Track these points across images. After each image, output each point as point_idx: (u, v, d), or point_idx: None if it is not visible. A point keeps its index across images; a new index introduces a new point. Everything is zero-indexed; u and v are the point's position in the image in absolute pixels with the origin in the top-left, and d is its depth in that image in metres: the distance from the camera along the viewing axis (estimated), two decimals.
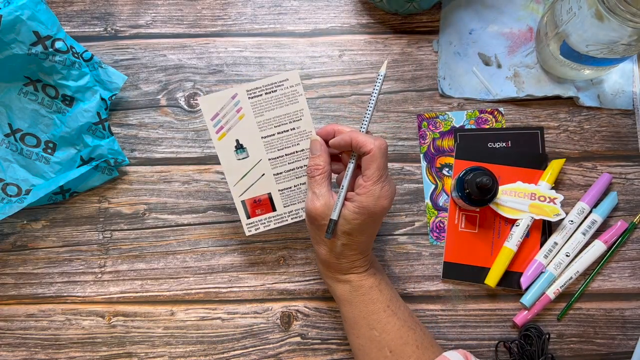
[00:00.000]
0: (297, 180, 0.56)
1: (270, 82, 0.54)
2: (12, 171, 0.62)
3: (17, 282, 0.62)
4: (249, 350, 0.60)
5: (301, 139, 0.56)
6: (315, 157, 0.52)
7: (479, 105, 0.65)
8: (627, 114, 0.65)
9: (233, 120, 0.54)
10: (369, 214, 0.50)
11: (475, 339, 0.61)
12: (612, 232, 0.61)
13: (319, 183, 0.51)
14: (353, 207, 0.49)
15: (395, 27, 0.67)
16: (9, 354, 0.60)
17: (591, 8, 0.54)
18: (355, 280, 0.53)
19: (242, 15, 0.68)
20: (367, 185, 0.49)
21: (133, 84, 0.66)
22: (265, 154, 0.55)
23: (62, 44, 0.57)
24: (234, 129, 0.54)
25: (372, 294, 0.53)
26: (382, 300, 0.53)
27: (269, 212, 0.57)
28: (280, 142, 0.55)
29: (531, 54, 0.66)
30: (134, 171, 0.64)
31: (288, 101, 0.55)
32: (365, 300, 0.53)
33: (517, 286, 0.61)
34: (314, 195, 0.51)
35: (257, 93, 0.54)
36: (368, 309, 0.52)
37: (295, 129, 0.55)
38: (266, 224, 0.58)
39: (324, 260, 0.53)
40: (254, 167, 0.56)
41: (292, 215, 0.58)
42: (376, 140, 0.49)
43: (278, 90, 0.54)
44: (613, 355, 0.61)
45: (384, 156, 0.49)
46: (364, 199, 0.49)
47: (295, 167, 0.56)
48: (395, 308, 0.53)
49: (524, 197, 0.61)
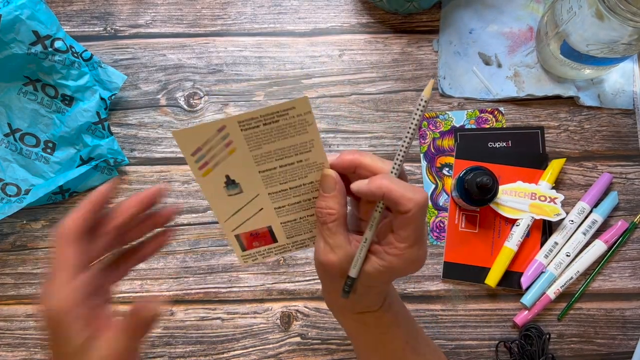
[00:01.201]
0: (304, 212, 0.46)
1: (270, 112, 0.39)
2: (12, 171, 0.62)
3: (16, 282, 0.62)
4: (249, 350, 0.60)
5: (310, 171, 0.43)
6: (328, 198, 0.40)
7: (479, 104, 0.65)
8: (627, 114, 0.65)
9: (221, 155, 0.41)
10: (398, 275, 0.41)
11: (476, 339, 0.61)
12: (613, 232, 0.61)
13: (333, 232, 0.40)
14: (379, 265, 0.39)
15: (395, 26, 0.67)
16: (9, 354, 0.60)
17: (591, 7, 0.54)
18: (370, 322, 0.45)
19: (242, 15, 0.68)
20: (400, 248, 0.39)
21: (133, 84, 0.66)
22: (265, 189, 0.44)
23: (62, 44, 0.57)
24: (222, 164, 0.42)
25: (390, 332, 0.46)
26: (400, 337, 0.46)
27: (269, 243, 0.47)
28: (283, 175, 0.43)
29: (531, 54, 0.66)
30: (134, 171, 0.64)
31: (294, 132, 0.41)
32: (383, 340, 0.46)
33: (517, 286, 0.61)
34: (327, 247, 0.40)
35: (252, 125, 0.40)
36: (386, 348, 0.46)
37: (302, 162, 0.43)
38: (265, 254, 0.47)
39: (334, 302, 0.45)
40: (250, 203, 0.45)
41: (297, 245, 0.47)
42: (416, 195, 0.37)
43: (281, 120, 0.40)
44: (613, 355, 0.60)
45: (424, 215, 0.38)
46: (394, 261, 0.39)
47: (302, 199, 0.45)
48: (415, 343, 0.47)
49: (524, 197, 0.61)
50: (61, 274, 0.35)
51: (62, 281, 0.35)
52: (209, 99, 0.65)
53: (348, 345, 0.60)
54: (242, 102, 0.65)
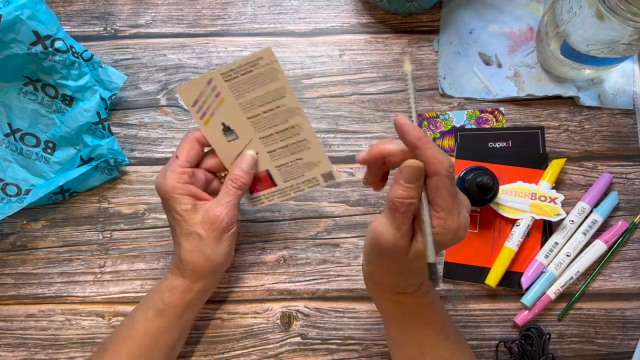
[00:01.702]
0: (292, 156, 0.54)
1: (244, 63, 0.50)
2: (12, 171, 0.62)
3: (16, 282, 0.62)
4: (249, 350, 0.60)
5: (289, 116, 0.52)
6: (411, 189, 0.40)
7: (479, 105, 0.65)
8: (627, 114, 0.65)
9: (214, 105, 0.52)
10: (443, 246, 0.42)
11: (476, 339, 0.61)
12: (613, 232, 0.61)
13: (408, 219, 0.41)
14: None
15: (395, 26, 0.67)
16: (9, 354, 0.60)
17: (592, 7, 0.54)
18: (408, 302, 0.47)
19: (242, 15, 0.68)
20: (441, 216, 0.40)
21: (133, 84, 0.66)
22: (255, 134, 0.53)
23: (62, 44, 0.57)
24: (217, 113, 0.53)
25: (426, 315, 0.47)
26: (436, 322, 0.48)
27: (271, 187, 0.56)
28: (268, 121, 0.53)
29: (531, 54, 0.66)
30: (134, 171, 0.64)
31: (268, 79, 0.50)
32: (417, 323, 0.47)
33: (517, 286, 0.61)
34: (398, 233, 0.41)
35: (232, 75, 0.51)
36: (420, 333, 0.48)
37: (280, 107, 0.52)
38: (270, 198, 0.57)
39: (380, 281, 0.47)
40: (246, 147, 0.54)
41: (295, 189, 0.56)
42: (442, 156, 0.39)
43: (254, 70, 0.50)
44: (614, 355, 0.60)
45: (452, 177, 0.40)
46: (440, 232, 0.41)
47: (289, 143, 0.53)
48: (448, 330, 0.48)
49: (525, 197, 0.61)
50: (174, 166, 0.51)
51: (174, 169, 0.51)
52: None
53: (348, 345, 0.60)
54: None
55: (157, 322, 0.51)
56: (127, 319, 0.53)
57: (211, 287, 0.56)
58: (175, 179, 0.50)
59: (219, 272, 0.55)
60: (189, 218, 0.50)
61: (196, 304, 0.54)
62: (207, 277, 0.53)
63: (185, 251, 0.51)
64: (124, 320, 0.54)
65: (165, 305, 0.52)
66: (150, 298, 0.53)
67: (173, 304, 0.52)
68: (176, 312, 0.52)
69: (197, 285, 0.52)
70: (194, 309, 0.54)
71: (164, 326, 0.52)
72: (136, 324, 0.52)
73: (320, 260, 0.62)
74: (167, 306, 0.52)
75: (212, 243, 0.50)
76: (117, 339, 0.52)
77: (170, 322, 0.52)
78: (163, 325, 0.52)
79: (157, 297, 0.52)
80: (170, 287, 0.52)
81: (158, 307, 0.51)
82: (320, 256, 0.62)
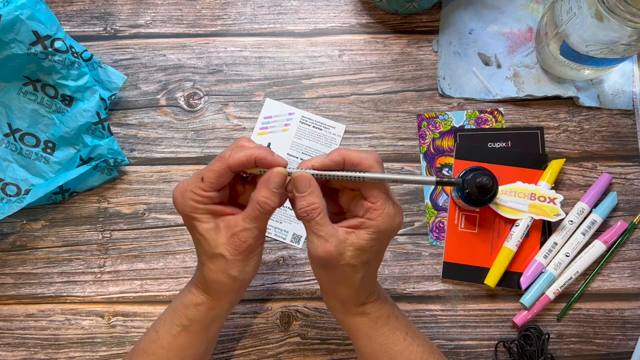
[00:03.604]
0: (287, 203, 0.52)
1: (322, 122, 0.63)
2: (12, 171, 0.62)
3: (16, 282, 0.62)
4: (249, 350, 0.60)
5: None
6: (308, 195, 0.43)
7: (478, 105, 0.65)
8: (627, 114, 0.65)
9: (278, 128, 0.63)
10: (387, 236, 0.45)
11: (475, 339, 0.61)
12: (612, 232, 0.61)
13: (322, 224, 0.43)
14: (368, 235, 0.43)
15: (395, 27, 0.67)
16: (9, 354, 0.60)
17: (591, 8, 0.54)
18: (372, 312, 0.48)
19: (242, 15, 0.68)
20: (378, 206, 0.43)
21: (132, 84, 0.66)
22: None
23: (62, 44, 0.57)
24: (273, 134, 0.63)
25: (391, 323, 0.49)
26: (400, 328, 0.49)
27: None
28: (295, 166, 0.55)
29: (531, 54, 0.66)
30: (134, 171, 0.64)
31: (325, 142, 0.63)
32: (385, 332, 0.48)
33: (516, 286, 0.61)
34: (320, 240, 0.43)
35: (307, 122, 0.63)
36: (388, 340, 0.48)
37: None
38: None
39: (342, 299, 0.48)
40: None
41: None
42: (370, 154, 0.43)
43: (323, 130, 0.63)
44: (613, 355, 0.61)
45: (382, 169, 0.44)
46: (380, 222, 0.43)
47: None
48: (412, 334, 0.50)
49: (524, 197, 0.61)
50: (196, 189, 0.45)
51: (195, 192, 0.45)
52: (209, 99, 0.65)
53: (348, 345, 0.60)
54: (242, 103, 0.65)
55: (181, 338, 0.49)
56: (150, 333, 0.51)
57: (238, 299, 0.53)
58: (195, 201, 0.45)
59: (245, 287, 0.52)
60: (211, 239, 0.45)
61: (222, 316, 0.52)
62: (234, 294, 0.50)
63: (210, 271, 0.47)
64: (147, 334, 0.51)
65: (191, 322, 0.49)
66: (175, 312, 0.50)
67: (199, 320, 0.49)
68: (202, 328, 0.50)
69: (224, 301, 0.49)
70: (220, 322, 0.52)
71: (189, 342, 0.50)
72: (161, 339, 0.50)
73: None
74: (192, 322, 0.49)
75: (238, 264, 0.46)
76: (141, 354, 0.50)
77: (196, 337, 0.50)
78: (188, 341, 0.50)
79: (182, 312, 0.49)
80: (196, 303, 0.49)
81: (183, 324, 0.49)
82: None
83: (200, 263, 0.48)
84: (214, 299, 0.49)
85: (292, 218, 0.63)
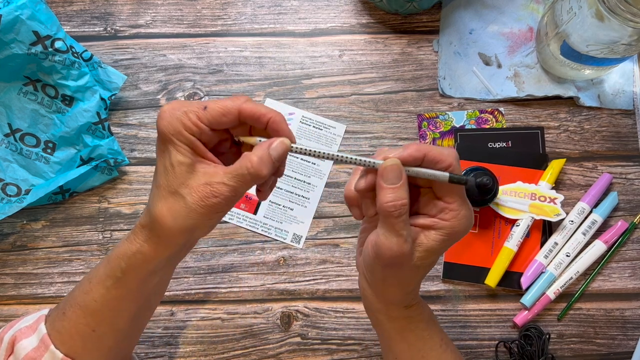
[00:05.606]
0: (288, 202, 0.56)
1: (322, 122, 0.63)
2: (12, 171, 0.62)
3: (16, 282, 0.62)
4: (249, 350, 0.60)
5: (314, 175, 0.62)
6: (398, 189, 0.39)
7: (479, 105, 0.65)
8: (627, 114, 0.65)
9: None
10: (456, 239, 0.42)
11: (475, 339, 0.61)
12: (613, 232, 0.61)
13: (406, 222, 0.39)
14: (440, 236, 0.40)
15: (395, 27, 0.67)
16: None
17: (591, 8, 0.54)
18: (415, 315, 0.46)
19: (242, 15, 0.68)
20: (454, 207, 0.40)
21: (133, 84, 0.66)
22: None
23: (62, 44, 0.57)
24: None
25: (431, 327, 0.46)
26: (437, 333, 0.47)
27: (250, 212, 0.62)
28: (297, 166, 0.62)
29: (531, 54, 0.66)
30: (134, 171, 0.64)
31: (325, 142, 0.63)
32: (424, 337, 0.46)
33: (517, 286, 0.61)
34: (400, 239, 0.39)
35: (307, 122, 0.63)
36: (426, 346, 0.46)
37: (315, 165, 0.62)
38: (240, 220, 0.62)
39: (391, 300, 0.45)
40: None
41: (264, 228, 0.62)
42: (450, 151, 0.40)
43: (324, 130, 0.63)
44: (613, 355, 0.60)
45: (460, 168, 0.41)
46: (454, 224, 0.40)
47: (294, 192, 0.61)
48: (446, 339, 0.48)
49: (524, 197, 0.61)
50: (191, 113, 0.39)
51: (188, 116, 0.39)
52: (209, 99, 0.65)
53: (348, 345, 0.60)
54: None
55: (115, 291, 0.44)
56: (84, 283, 0.46)
57: (181, 256, 0.47)
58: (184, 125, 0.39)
59: (188, 248, 0.47)
60: (180, 174, 0.40)
61: (159, 274, 0.45)
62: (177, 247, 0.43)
63: (162, 209, 0.40)
64: (81, 284, 0.46)
65: (124, 274, 0.43)
66: (110, 263, 0.44)
67: (133, 272, 0.43)
68: (137, 283, 0.44)
69: (164, 254, 0.43)
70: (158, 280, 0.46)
71: (123, 295, 0.44)
72: (93, 291, 0.44)
73: (320, 260, 0.62)
74: (125, 274, 0.43)
75: (196, 216, 0.40)
76: (74, 305, 0.45)
77: (130, 291, 0.44)
78: (122, 294, 0.44)
79: (116, 263, 0.43)
80: (131, 252, 0.43)
81: (116, 275, 0.43)
82: (320, 256, 0.62)
83: (153, 197, 0.41)
84: (151, 248, 0.42)
85: (292, 218, 0.63)
